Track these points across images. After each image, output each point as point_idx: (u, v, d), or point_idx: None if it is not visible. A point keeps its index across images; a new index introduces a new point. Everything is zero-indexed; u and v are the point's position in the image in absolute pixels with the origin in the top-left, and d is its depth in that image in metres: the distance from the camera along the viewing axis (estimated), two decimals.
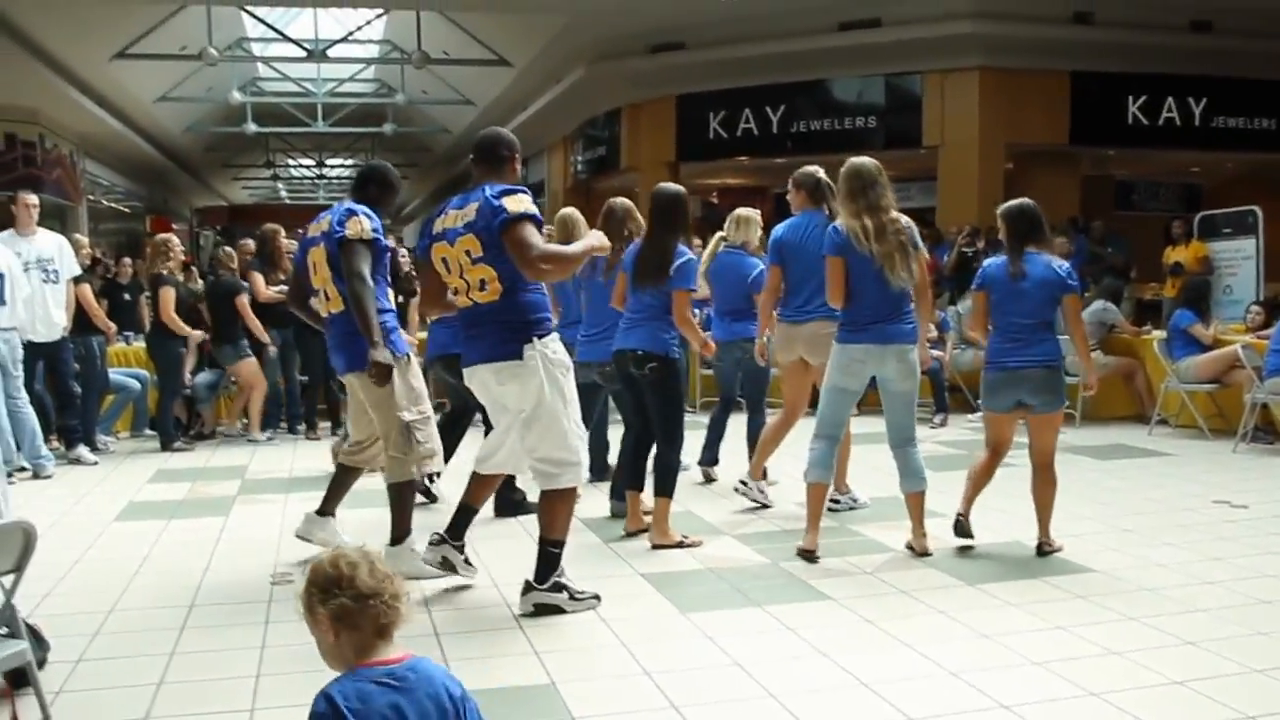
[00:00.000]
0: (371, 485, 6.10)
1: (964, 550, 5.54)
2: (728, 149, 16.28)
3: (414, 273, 8.98)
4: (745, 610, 4.68)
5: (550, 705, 3.71)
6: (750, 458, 6.80)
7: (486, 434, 5.24)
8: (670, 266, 5.70)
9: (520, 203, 4.52)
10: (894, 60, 14.66)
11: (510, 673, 4.02)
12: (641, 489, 6.05)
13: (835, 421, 5.55)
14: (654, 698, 3.75)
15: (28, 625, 3.49)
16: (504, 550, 5.67)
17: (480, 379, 4.75)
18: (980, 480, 5.61)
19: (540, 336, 4.60)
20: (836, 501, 6.40)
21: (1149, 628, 4.37)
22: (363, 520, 6.04)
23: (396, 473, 5.32)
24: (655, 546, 5.70)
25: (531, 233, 4.49)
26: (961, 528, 5.54)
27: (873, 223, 5.28)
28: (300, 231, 6.90)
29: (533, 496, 5.21)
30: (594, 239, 4.91)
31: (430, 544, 5.03)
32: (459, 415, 7.00)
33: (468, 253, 4.57)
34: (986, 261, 5.79)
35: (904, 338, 5.37)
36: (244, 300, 9.28)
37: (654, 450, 5.90)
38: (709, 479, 7.37)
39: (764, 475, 6.69)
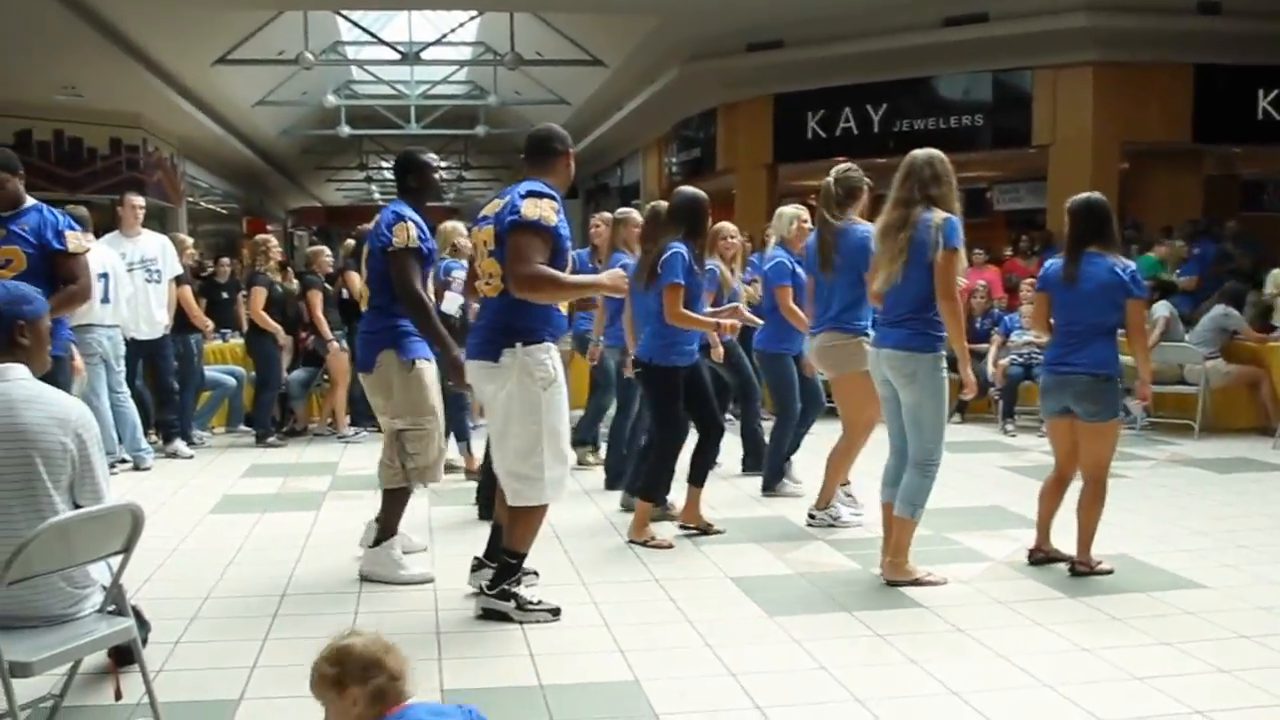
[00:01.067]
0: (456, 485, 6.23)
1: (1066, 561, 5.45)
2: (827, 149, 16.13)
3: None
4: (834, 615, 4.71)
5: (634, 702, 3.79)
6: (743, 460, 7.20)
7: None
8: (659, 265, 5.80)
9: (537, 208, 4.49)
10: (1002, 56, 14.43)
11: (595, 669, 4.11)
12: (701, 485, 6.14)
13: (891, 430, 5.29)
14: (738, 698, 3.80)
15: (131, 606, 3.68)
16: (599, 549, 5.78)
17: (470, 375, 4.79)
18: (1048, 500, 5.44)
19: (526, 344, 4.55)
20: (813, 516, 6.30)
21: (1262, 647, 4.28)
22: (449, 517, 6.20)
23: (385, 477, 5.44)
24: (632, 542, 5.88)
25: (530, 245, 4.45)
26: (1039, 561, 5.38)
27: (885, 219, 5.11)
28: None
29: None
30: (606, 278, 4.83)
31: (471, 570, 5.07)
32: None
33: (485, 244, 4.68)
34: (1048, 262, 5.62)
35: (892, 342, 5.07)
36: (313, 296, 9.60)
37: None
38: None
39: (834, 497, 6.38)
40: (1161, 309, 9.97)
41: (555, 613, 4.70)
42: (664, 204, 6.44)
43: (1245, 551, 5.71)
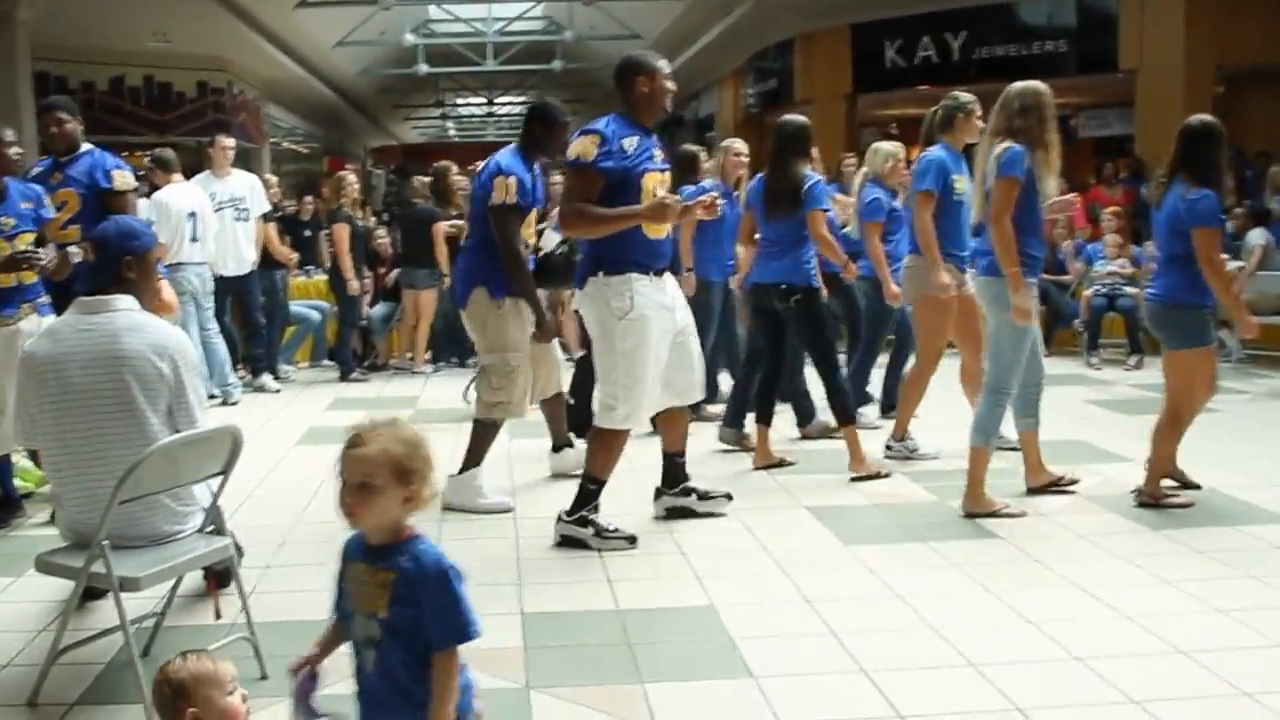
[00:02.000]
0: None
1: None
2: (907, 79, 15.86)
3: None
4: (909, 545, 4.71)
5: (709, 626, 3.85)
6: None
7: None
8: (801, 193, 5.77)
9: (576, 146, 4.63)
10: None
11: (672, 594, 4.18)
12: (770, 424, 6.11)
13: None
14: (812, 623, 3.84)
15: None
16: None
17: (576, 299, 4.95)
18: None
19: (608, 273, 4.64)
20: (889, 447, 6.27)
21: None
22: (527, 449, 6.29)
23: (479, 408, 5.58)
24: (855, 479, 5.75)
25: (570, 183, 4.69)
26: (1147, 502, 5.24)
27: (980, 151, 5.21)
28: (473, 168, 7.18)
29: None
30: (645, 209, 4.64)
31: (654, 499, 5.25)
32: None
33: None
34: None
35: (980, 269, 5.25)
36: (440, 228, 9.58)
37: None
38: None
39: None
40: (1257, 237, 9.70)
41: (632, 541, 4.78)
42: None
43: None
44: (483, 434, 5.55)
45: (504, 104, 33.75)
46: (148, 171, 8.83)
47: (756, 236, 6.28)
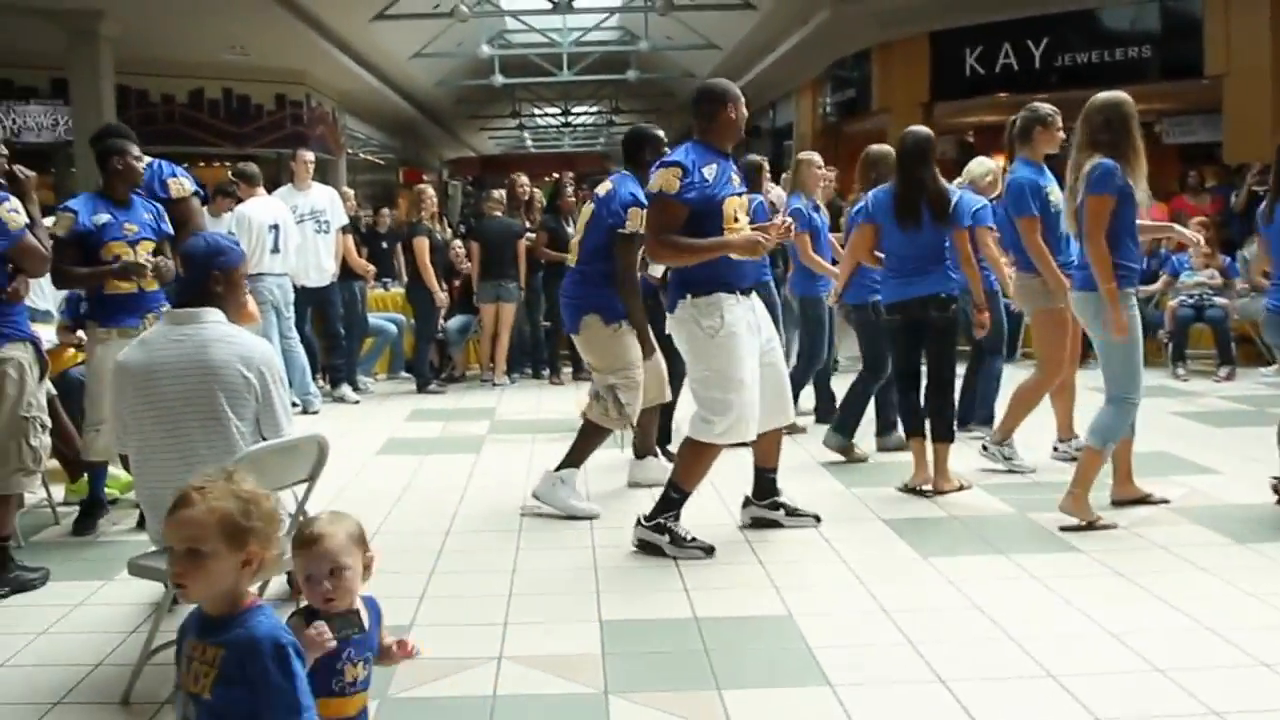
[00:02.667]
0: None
1: (1238, 508, 5.33)
2: (986, 86, 15.75)
3: None
4: (989, 557, 4.73)
5: (787, 635, 3.91)
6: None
7: None
8: (949, 205, 5.81)
9: (659, 179, 4.75)
10: None
11: (750, 604, 4.25)
12: (924, 434, 5.95)
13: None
14: (890, 633, 3.88)
15: None
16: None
17: (668, 322, 5.08)
18: None
19: (695, 296, 4.78)
20: (985, 448, 6.30)
21: None
22: (604, 459, 6.40)
23: (595, 412, 5.76)
24: (938, 493, 5.75)
25: (655, 216, 4.82)
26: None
27: (1070, 163, 5.18)
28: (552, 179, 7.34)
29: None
30: (737, 241, 4.76)
31: (742, 507, 5.37)
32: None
33: None
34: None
35: (1078, 284, 5.20)
36: (422, 243, 9.70)
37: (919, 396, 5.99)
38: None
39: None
40: None
41: (709, 551, 4.85)
42: (884, 148, 6.65)
43: None
44: (592, 437, 5.75)
45: (579, 114, 34.03)
46: (230, 185, 9.11)
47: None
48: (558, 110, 32.56)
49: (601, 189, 5.83)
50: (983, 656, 3.67)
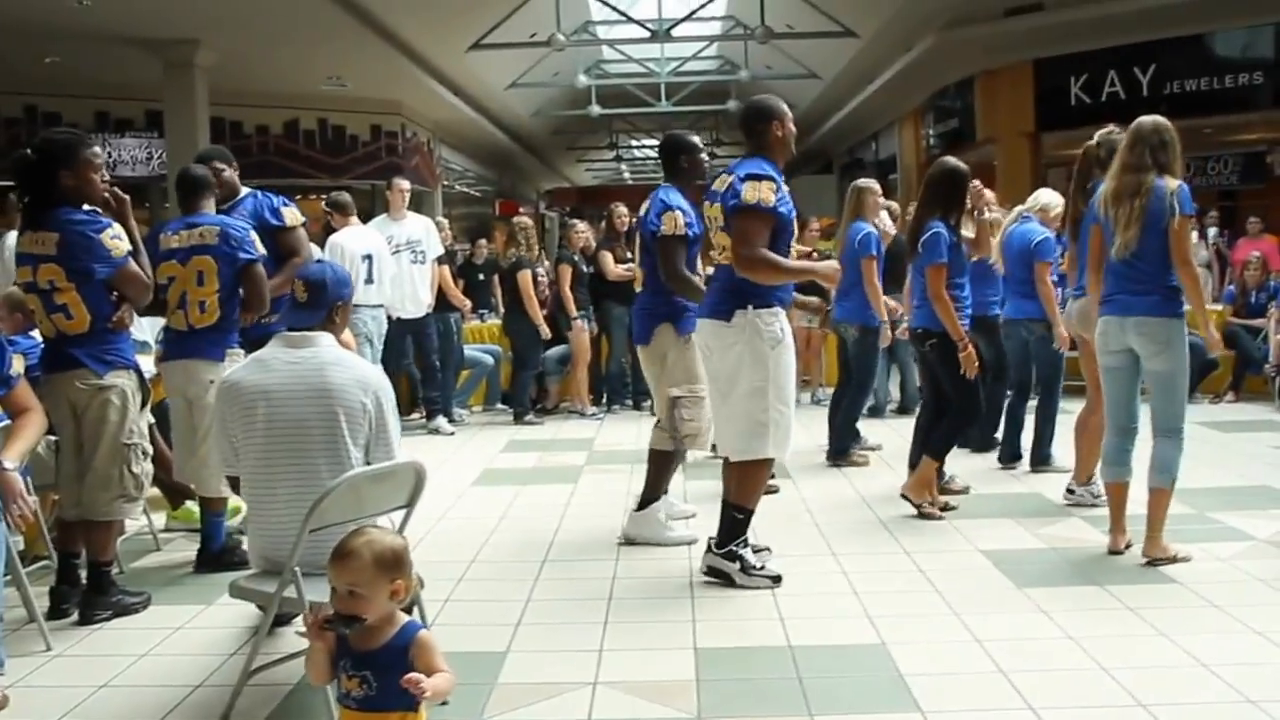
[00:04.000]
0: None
1: None
2: (1092, 115, 15.61)
3: None
4: (1084, 588, 4.85)
5: (880, 663, 4.08)
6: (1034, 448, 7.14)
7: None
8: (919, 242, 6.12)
9: (757, 191, 4.88)
10: None
11: (843, 633, 4.42)
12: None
13: (1114, 406, 5.36)
14: (981, 662, 4.04)
15: None
16: (850, 520, 6.09)
17: (700, 331, 5.20)
18: None
19: (757, 307, 4.94)
20: (1071, 491, 6.34)
21: None
22: (703, 490, 6.60)
23: (658, 440, 5.90)
24: (904, 497, 6.14)
25: (752, 228, 4.87)
26: None
27: (1115, 185, 5.17)
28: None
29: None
30: (822, 268, 5.27)
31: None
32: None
33: (715, 219, 5.13)
34: None
35: (1145, 309, 5.11)
36: (563, 271, 10.15)
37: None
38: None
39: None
40: None
41: (777, 580, 5.02)
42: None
43: None
44: (663, 465, 5.90)
45: None
46: (324, 215, 9.36)
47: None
48: (656, 141, 32.90)
49: (643, 209, 5.95)
50: (1075, 687, 3.80)
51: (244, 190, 6.08)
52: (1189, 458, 5.34)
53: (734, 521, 5.08)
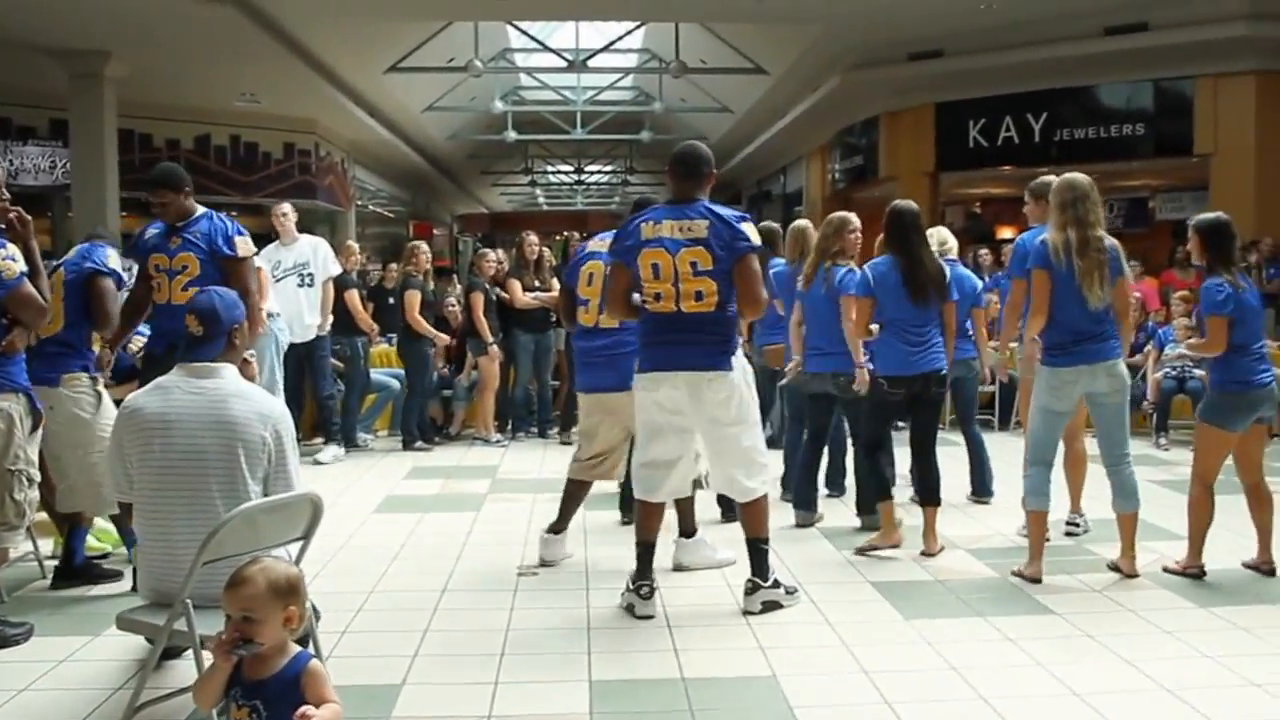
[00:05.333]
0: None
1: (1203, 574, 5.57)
2: (989, 158, 16.19)
3: None
4: (968, 620, 4.98)
5: (770, 695, 4.13)
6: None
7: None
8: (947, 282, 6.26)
9: (756, 234, 5.06)
10: (1163, 65, 14.25)
11: (735, 665, 4.46)
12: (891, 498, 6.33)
13: (1048, 444, 5.63)
14: (868, 693, 4.11)
15: None
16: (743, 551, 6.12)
17: (678, 385, 5.01)
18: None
19: (733, 353, 5.07)
20: (1075, 525, 6.49)
21: None
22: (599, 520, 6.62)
23: (577, 471, 6.05)
24: (925, 554, 6.04)
25: (758, 270, 5.00)
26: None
27: (1077, 236, 5.37)
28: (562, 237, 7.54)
29: None
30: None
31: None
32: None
33: (693, 264, 4.89)
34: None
35: (1113, 353, 5.48)
36: (475, 298, 10.01)
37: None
38: None
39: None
40: None
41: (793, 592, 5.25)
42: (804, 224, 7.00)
43: None
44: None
45: (593, 172, 34.38)
46: None
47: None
48: (571, 168, 32.93)
49: (606, 244, 5.70)
50: (954, 716, 3.90)
51: (199, 209, 5.73)
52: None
53: (763, 553, 5.18)
